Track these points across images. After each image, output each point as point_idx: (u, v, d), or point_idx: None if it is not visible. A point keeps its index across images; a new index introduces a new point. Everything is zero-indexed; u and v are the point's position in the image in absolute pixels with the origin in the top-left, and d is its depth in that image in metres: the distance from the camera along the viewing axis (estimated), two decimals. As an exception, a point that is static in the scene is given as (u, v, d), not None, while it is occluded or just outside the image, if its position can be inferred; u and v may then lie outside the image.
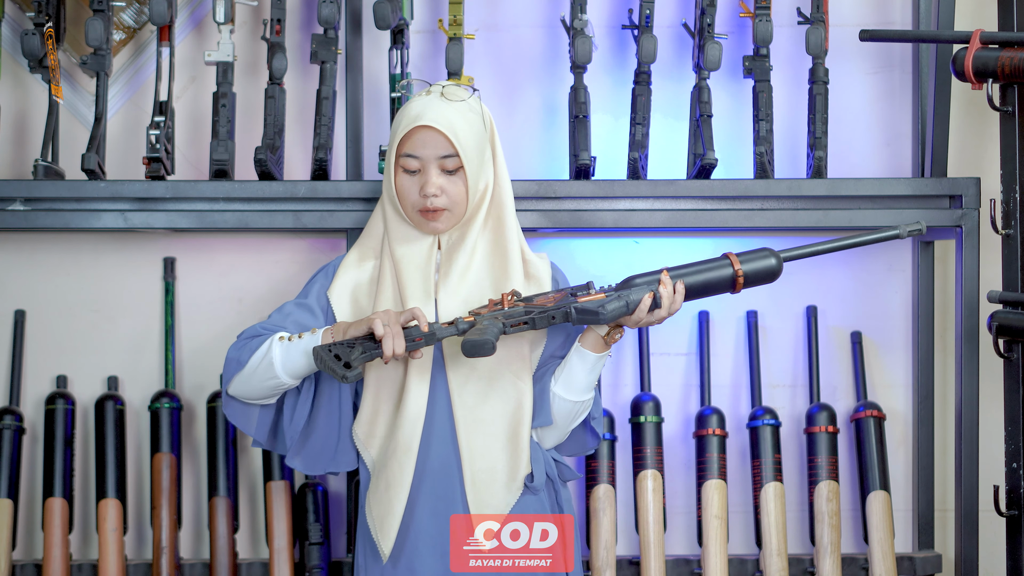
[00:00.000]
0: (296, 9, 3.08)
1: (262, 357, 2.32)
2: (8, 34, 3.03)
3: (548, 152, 3.10)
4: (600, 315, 2.31)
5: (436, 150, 2.36)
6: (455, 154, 2.36)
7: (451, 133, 2.35)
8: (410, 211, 2.40)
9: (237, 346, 2.38)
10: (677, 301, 2.36)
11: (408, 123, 2.35)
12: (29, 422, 3.05)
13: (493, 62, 3.09)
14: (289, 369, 2.32)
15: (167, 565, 2.94)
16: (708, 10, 2.91)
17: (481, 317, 2.31)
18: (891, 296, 3.14)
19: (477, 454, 2.36)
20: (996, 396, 2.96)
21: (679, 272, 2.39)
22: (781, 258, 2.42)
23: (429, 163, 2.36)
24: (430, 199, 2.36)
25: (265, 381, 2.34)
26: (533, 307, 2.33)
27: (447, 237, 2.43)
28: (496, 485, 2.36)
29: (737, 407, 3.13)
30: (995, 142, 3.00)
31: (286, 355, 2.31)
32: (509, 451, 2.37)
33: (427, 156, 2.36)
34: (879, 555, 2.99)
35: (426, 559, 2.36)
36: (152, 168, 2.83)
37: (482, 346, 2.25)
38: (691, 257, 3.11)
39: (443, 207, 2.37)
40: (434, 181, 2.35)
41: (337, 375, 2.23)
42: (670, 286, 2.35)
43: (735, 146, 3.07)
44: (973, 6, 3.08)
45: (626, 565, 3.02)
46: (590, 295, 2.35)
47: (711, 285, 2.40)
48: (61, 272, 3.08)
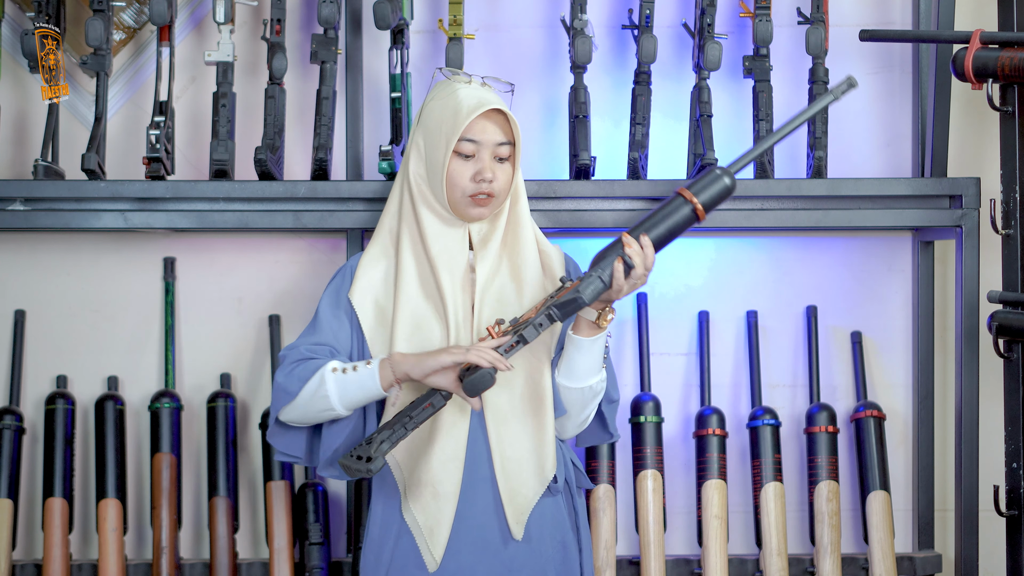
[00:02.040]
0: (296, 9, 3.08)
1: (315, 389, 2.33)
2: (8, 34, 3.03)
3: (548, 152, 3.10)
4: (579, 301, 2.31)
5: (495, 136, 2.37)
6: (511, 142, 2.38)
7: (512, 120, 2.38)
8: (459, 197, 2.38)
9: (284, 372, 2.37)
10: (649, 256, 2.34)
11: (474, 108, 2.35)
12: (29, 422, 3.05)
13: (493, 62, 3.09)
14: (347, 402, 2.34)
15: (167, 565, 2.94)
16: (708, 10, 2.91)
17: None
18: (891, 296, 3.14)
19: (506, 443, 2.37)
20: (996, 396, 2.96)
21: (640, 228, 2.37)
22: (731, 173, 2.41)
23: (485, 149, 2.37)
24: (485, 184, 2.36)
25: (321, 412, 2.36)
26: (520, 325, 2.32)
27: (478, 229, 2.43)
28: (525, 474, 2.37)
29: (737, 407, 3.13)
30: (995, 142, 3.00)
31: (343, 389, 2.32)
32: (536, 440, 2.38)
33: (485, 142, 2.36)
34: (879, 555, 2.99)
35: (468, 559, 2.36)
36: (152, 168, 2.83)
37: (482, 379, 2.25)
38: (692, 258, 3.14)
39: (493, 193, 2.38)
40: (490, 166, 2.36)
41: (363, 474, 2.27)
42: (635, 244, 2.33)
43: (735, 146, 3.07)
44: (973, 6, 3.08)
45: (626, 565, 3.02)
46: (567, 288, 2.34)
47: (675, 227, 2.39)
48: (61, 272, 3.08)
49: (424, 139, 2.41)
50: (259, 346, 3.08)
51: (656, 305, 3.12)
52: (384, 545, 2.41)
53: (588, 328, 2.37)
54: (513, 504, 2.37)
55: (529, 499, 2.38)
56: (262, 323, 3.08)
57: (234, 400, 3.03)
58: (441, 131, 2.37)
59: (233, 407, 3.02)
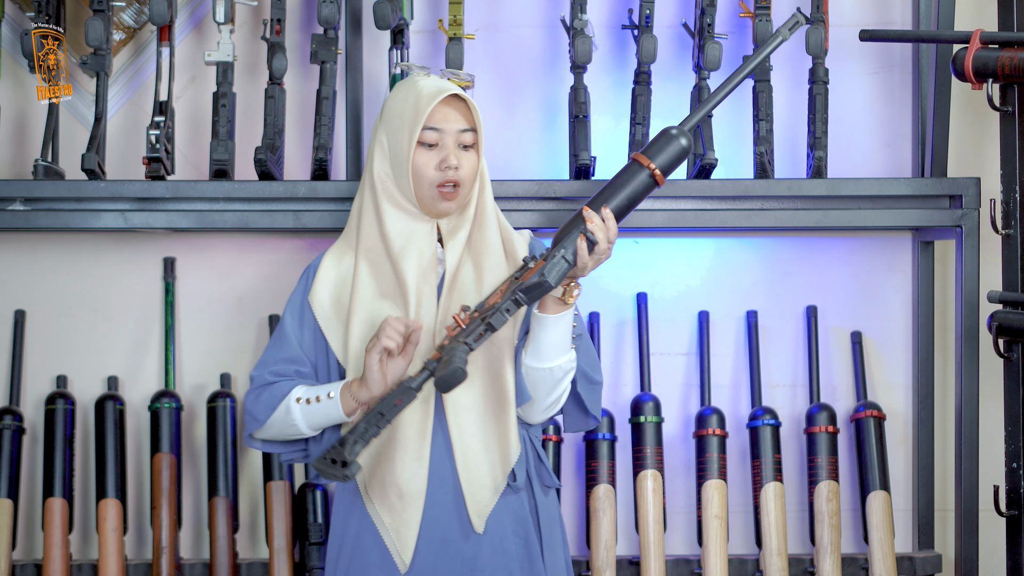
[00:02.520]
0: (296, 9, 3.08)
1: (283, 417, 2.35)
2: (8, 34, 3.03)
3: (548, 152, 3.10)
4: (545, 283, 2.26)
5: (458, 123, 2.34)
6: (473, 129, 2.36)
7: (473, 106, 2.36)
8: (426, 189, 2.35)
9: (251, 397, 2.39)
10: (611, 228, 2.30)
11: (434, 95, 2.33)
12: (29, 422, 3.05)
13: (493, 62, 3.09)
14: (315, 427, 2.37)
15: (167, 565, 2.94)
16: (708, 10, 2.91)
17: (446, 348, 2.28)
18: (891, 296, 3.14)
19: (467, 436, 2.34)
20: (996, 396, 2.96)
21: (599, 200, 2.32)
22: (687, 133, 2.33)
23: (448, 137, 2.35)
24: (451, 172, 2.33)
25: (293, 435, 2.39)
26: (487, 311, 2.29)
27: (446, 221, 2.40)
28: (486, 467, 2.34)
29: (737, 407, 3.13)
30: (995, 142, 3.00)
31: (309, 417, 2.35)
32: (498, 434, 2.35)
33: (448, 129, 2.34)
34: (879, 555, 2.99)
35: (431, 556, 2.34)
36: (152, 168, 2.83)
37: (453, 376, 2.22)
38: (692, 258, 3.14)
39: (459, 181, 2.35)
40: (455, 153, 2.35)
41: (339, 478, 2.27)
42: (596, 218, 2.29)
43: (735, 146, 3.07)
44: (973, 6, 3.08)
45: (626, 565, 3.02)
46: (531, 269, 2.29)
47: (635, 195, 2.33)
48: (61, 272, 3.08)
49: (387, 135, 2.38)
50: (259, 346, 3.08)
51: (656, 305, 3.12)
52: (345, 541, 2.39)
53: (554, 305, 2.32)
54: (475, 498, 2.34)
55: (491, 493, 2.35)
56: (262, 323, 3.08)
57: (234, 400, 3.03)
58: (403, 123, 2.35)
59: (233, 407, 3.02)
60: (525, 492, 2.40)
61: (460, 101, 2.36)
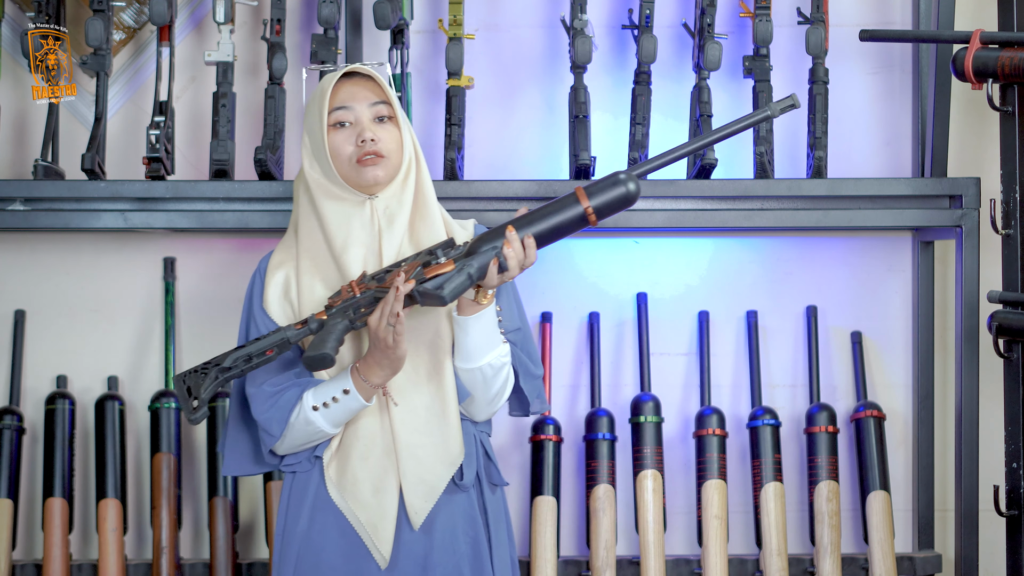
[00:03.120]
0: (296, 9, 3.08)
1: (304, 428, 2.30)
2: (8, 34, 3.03)
3: (548, 152, 3.10)
4: (442, 299, 2.19)
5: (367, 98, 2.31)
6: (385, 101, 2.33)
7: (381, 80, 2.33)
8: (346, 166, 2.31)
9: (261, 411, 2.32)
10: (530, 256, 2.24)
11: (333, 77, 2.31)
12: (29, 422, 3.05)
13: (493, 62, 3.09)
14: (339, 424, 2.31)
15: (167, 565, 2.94)
16: (708, 10, 2.91)
17: (332, 312, 2.24)
18: (891, 296, 3.14)
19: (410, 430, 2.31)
20: (996, 396, 2.96)
21: (525, 223, 2.25)
22: (635, 178, 2.24)
23: (361, 114, 2.32)
24: (368, 144, 2.29)
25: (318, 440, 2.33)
26: (383, 289, 2.24)
27: (384, 206, 2.34)
28: (430, 461, 2.31)
29: (737, 407, 3.13)
30: (995, 142, 3.00)
31: (332, 419, 2.29)
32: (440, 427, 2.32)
33: (358, 107, 2.31)
34: (879, 555, 2.99)
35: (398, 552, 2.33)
36: (152, 168, 2.83)
37: (321, 360, 2.20)
38: (692, 258, 3.13)
39: (381, 153, 2.31)
40: (369, 127, 2.31)
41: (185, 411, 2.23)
42: (517, 243, 2.23)
43: (735, 146, 3.07)
44: (973, 6, 3.08)
45: (626, 565, 3.02)
46: (440, 265, 2.24)
47: (562, 228, 2.25)
48: (61, 272, 3.08)
49: (307, 133, 2.35)
50: (259, 346, 3.08)
51: (656, 305, 3.12)
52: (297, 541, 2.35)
53: (469, 307, 2.28)
54: (415, 495, 2.31)
55: (434, 487, 2.32)
56: (262, 323, 3.08)
57: (234, 400, 3.03)
58: (314, 112, 2.33)
59: (233, 407, 3.02)
60: (474, 491, 2.39)
61: (369, 80, 2.33)
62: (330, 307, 2.25)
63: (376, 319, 2.22)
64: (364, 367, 2.26)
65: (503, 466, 3.10)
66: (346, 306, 2.24)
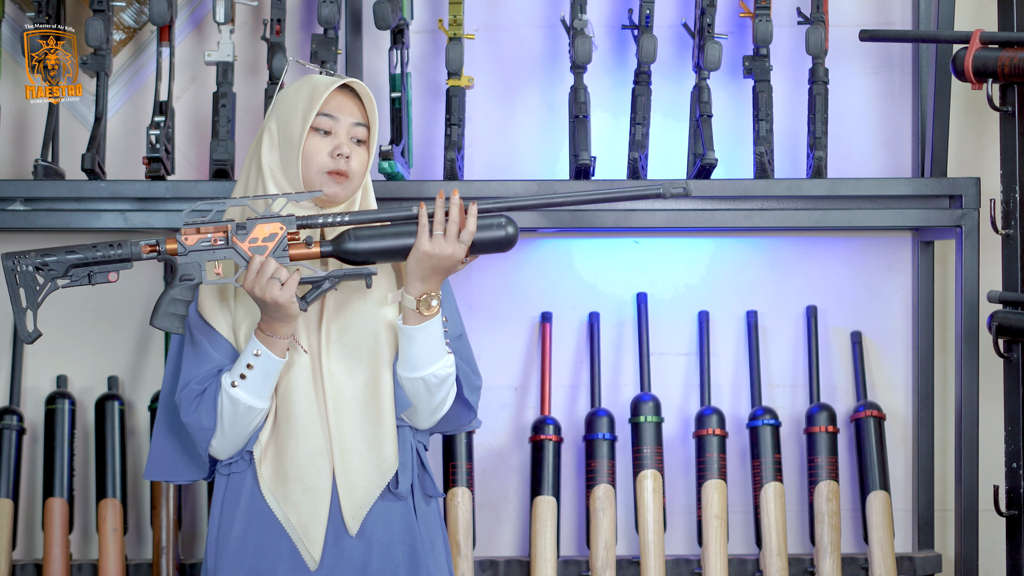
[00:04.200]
0: (296, 9, 3.08)
1: (232, 411, 2.24)
2: (8, 34, 3.03)
3: (548, 152, 3.10)
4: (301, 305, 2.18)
5: (353, 116, 2.30)
6: (366, 124, 2.33)
7: (369, 101, 2.32)
8: (315, 173, 2.28)
9: (189, 413, 2.26)
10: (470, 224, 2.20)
11: (330, 83, 2.29)
12: (29, 422, 3.05)
13: (493, 62, 3.09)
14: (267, 393, 2.25)
15: (167, 565, 2.94)
16: (708, 10, 2.91)
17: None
18: (891, 296, 3.14)
19: (346, 434, 2.28)
20: (996, 396, 2.96)
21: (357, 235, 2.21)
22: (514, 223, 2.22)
23: (341, 127, 2.31)
24: (342, 160, 2.28)
25: (252, 422, 2.27)
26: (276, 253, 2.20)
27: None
28: (365, 467, 2.29)
29: (737, 407, 3.13)
30: (995, 142, 3.00)
31: (255, 389, 2.23)
32: (374, 432, 2.29)
33: (343, 119, 2.29)
34: (879, 555, 2.99)
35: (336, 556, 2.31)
36: (152, 168, 2.83)
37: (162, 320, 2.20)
38: (692, 258, 3.13)
39: (350, 172, 2.29)
40: (347, 144, 2.30)
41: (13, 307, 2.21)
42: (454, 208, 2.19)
43: (735, 146, 3.07)
44: (973, 6, 3.08)
45: (626, 565, 3.02)
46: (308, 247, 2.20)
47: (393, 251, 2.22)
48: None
49: (277, 123, 2.32)
50: (259, 346, 3.08)
51: (656, 305, 3.12)
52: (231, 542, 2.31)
53: (414, 317, 2.25)
54: (351, 500, 2.29)
55: (368, 493, 2.29)
56: (262, 323, 3.08)
57: (234, 400, 3.02)
58: (297, 109, 2.29)
59: (233, 407, 3.02)
60: (410, 500, 2.37)
61: (358, 99, 2.32)
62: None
63: (250, 283, 2.18)
64: (264, 325, 2.22)
65: (503, 466, 3.11)
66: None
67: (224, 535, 2.32)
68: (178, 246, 2.23)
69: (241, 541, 2.30)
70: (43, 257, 2.22)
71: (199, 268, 2.23)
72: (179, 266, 2.25)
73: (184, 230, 2.23)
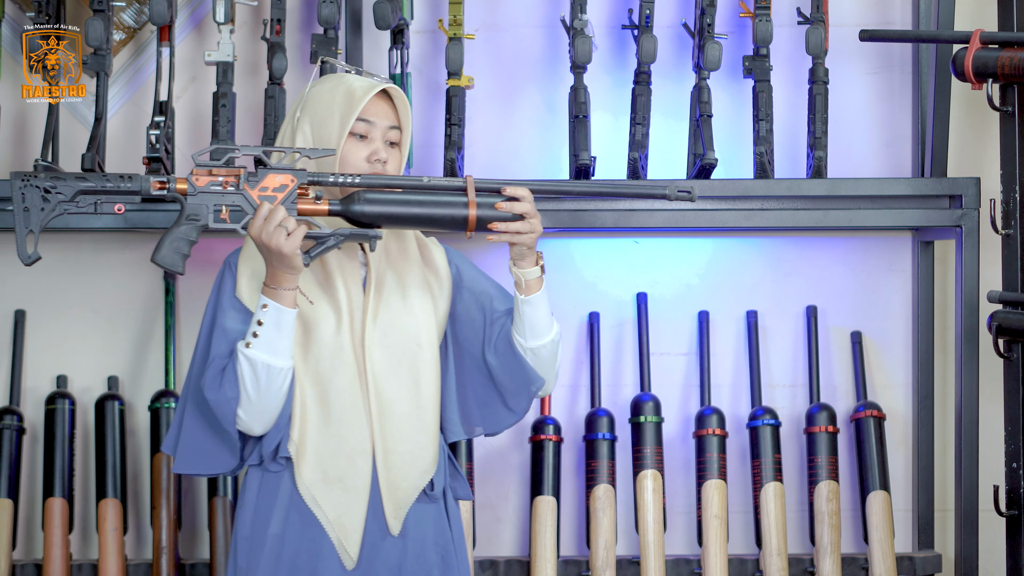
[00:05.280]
0: (296, 9, 3.08)
1: (252, 375, 2.22)
2: (8, 34, 3.03)
3: (548, 152, 3.10)
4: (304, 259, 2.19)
5: (388, 119, 2.33)
6: (399, 127, 2.35)
7: (401, 104, 2.33)
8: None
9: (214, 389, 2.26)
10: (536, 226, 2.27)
11: (369, 88, 2.30)
12: (29, 422, 3.06)
13: (493, 62, 3.09)
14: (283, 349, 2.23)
15: (167, 565, 2.94)
16: (708, 10, 2.91)
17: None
18: (891, 296, 3.14)
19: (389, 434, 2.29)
20: (996, 396, 2.96)
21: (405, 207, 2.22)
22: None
23: (377, 131, 2.33)
24: (379, 165, 2.30)
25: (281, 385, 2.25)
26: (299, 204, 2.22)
27: None
28: (406, 467, 2.30)
29: (737, 407, 3.13)
30: (995, 142, 3.00)
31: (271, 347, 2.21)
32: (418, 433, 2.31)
33: (379, 124, 2.32)
34: (879, 555, 2.99)
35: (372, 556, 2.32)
36: (152, 168, 2.83)
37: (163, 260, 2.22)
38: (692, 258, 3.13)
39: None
40: (383, 148, 2.33)
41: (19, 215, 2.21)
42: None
43: (735, 146, 3.07)
44: (973, 6, 3.08)
45: (626, 565, 3.02)
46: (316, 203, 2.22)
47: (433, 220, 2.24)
48: (61, 272, 3.07)
49: (311, 125, 2.32)
50: (259, 346, 3.08)
51: (656, 305, 3.12)
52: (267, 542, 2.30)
53: (536, 284, 2.30)
54: (393, 499, 2.31)
55: (408, 493, 2.31)
56: (262, 323, 3.08)
57: (234, 400, 3.03)
58: (334, 113, 2.31)
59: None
60: (442, 502, 2.39)
61: (391, 101, 2.35)
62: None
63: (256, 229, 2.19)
64: (269, 278, 2.22)
65: (503, 466, 3.11)
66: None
67: (259, 533, 2.31)
68: (188, 186, 2.23)
69: (279, 539, 2.31)
70: (53, 180, 2.21)
71: (207, 210, 2.24)
72: (187, 205, 2.25)
73: (196, 171, 2.23)
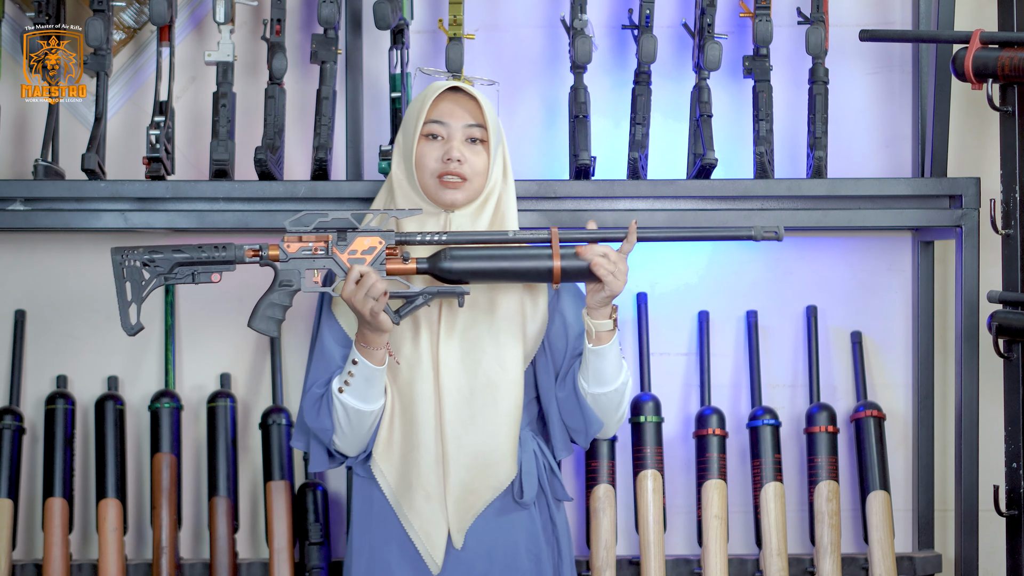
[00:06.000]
0: (296, 9, 3.08)
1: (344, 415, 2.31)
2: (8, 34, 3.03)
3: (548, 152, 3.10)
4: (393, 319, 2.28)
5: (464, 119, 2.35)
6: (482, 124, 2.36)
7: (483, 104, 2.37)
8: (428, 178, 2.36)
9: (312, 418, 2.35)
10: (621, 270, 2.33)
11: (438, 88, 2.35)
12: (29, 422, 3.05)
13: (493, 62, 3.09)
14: (370, 397, 2.31)
15: (167, 565, 2.94)
16: (708, 10, 2.91)
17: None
18: (891, 296, 3.14)
19: (460, 444, 2.33)
20: (996, 396, 2.96)
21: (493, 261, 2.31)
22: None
23: (455, 132, 2.35)
24: (453, 164, 2.33)
25: (371, 423, 2.33)
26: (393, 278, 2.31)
27: (458, 222, 2.38)
28: (474, 482, 2.34)
29: (737, 407, 3.13)
30: (995, 142, 3.00)
31: (360, 395, 2.30)
32: (487, 452, 2.34)
33: (453, 124, 2.35)
34: (879, 555, 2.99)
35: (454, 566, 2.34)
36: (152, 168, 2.83)
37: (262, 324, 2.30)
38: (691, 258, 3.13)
39: (464, 175, 2.35)
40: (459, 147, 2.35)
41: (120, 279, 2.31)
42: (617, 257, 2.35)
43: (735, 146, 3.07)
44: (973, 6, 3.08)
45: (626, 565, 3.02)
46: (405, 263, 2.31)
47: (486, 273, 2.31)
48: (61, 272, 3.08)
49: (402, 134, 2.40)
50: (259, 346, 3.08)
51: (656, 305, 3.12)
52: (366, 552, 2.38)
53: (608, 336, 2.34)
54: (459, 511, 2.34)
55: (474, 507, 2.34)
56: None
57: (234, 400, 3.03)
58: (411, 118, 2.37)
59: (233, 407, 3.02)
60: (536, 507, 2.39)
61: (471, 99, 2.36)
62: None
63: (350, 292, 2.24)
64: (359, 335, 2.29)
65: (503, 466, 3.11)
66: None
67: (359, 540, 2.39)
68: (280, 252, 2.32)
69: (372, 550, 2.37)
70: (151, 254, 2.31)
71: (299, 275, 2.32)
72: (279, 272, 2.32)
73: (287, 237, 2.32)
